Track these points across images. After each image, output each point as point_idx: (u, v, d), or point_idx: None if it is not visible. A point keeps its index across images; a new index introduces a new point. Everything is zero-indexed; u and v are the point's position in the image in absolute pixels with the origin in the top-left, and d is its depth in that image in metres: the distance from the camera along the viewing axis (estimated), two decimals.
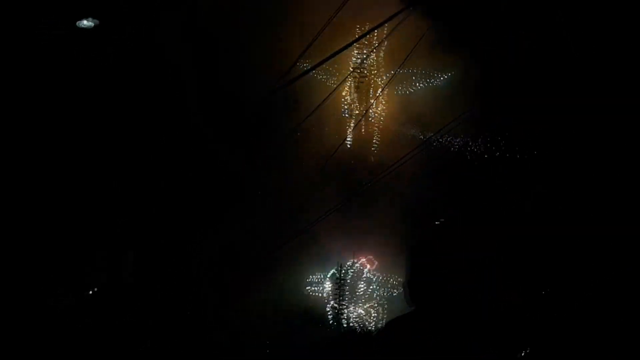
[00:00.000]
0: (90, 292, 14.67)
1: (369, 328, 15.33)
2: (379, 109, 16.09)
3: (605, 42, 13.02)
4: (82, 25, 14.46)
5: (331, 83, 15.68)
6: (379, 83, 16.02)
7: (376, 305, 15.58)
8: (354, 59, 15.76)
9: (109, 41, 14.65)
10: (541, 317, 11.70)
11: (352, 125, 16.03)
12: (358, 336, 14.87)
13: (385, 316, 15.49)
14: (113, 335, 14.47)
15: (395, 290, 15.31)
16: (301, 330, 15.02)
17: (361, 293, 15.59)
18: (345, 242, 15.23)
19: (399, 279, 15.18)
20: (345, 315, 15.38)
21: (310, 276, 15.87)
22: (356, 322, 15.44)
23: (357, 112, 16.13)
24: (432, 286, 3.33)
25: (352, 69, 15.66)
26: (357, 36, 14.03)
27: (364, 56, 15.52)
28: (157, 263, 15.01)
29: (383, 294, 15.58)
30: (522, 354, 11.25)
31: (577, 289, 11.93)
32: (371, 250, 15.42)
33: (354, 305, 15.53)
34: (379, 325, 15.24)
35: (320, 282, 15.81)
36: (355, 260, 15.55)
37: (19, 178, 14.28)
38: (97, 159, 14.74)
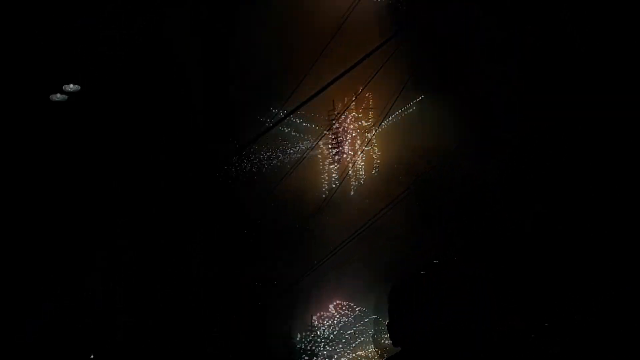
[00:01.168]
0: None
1: None
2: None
3: (611, 39, 12.85)
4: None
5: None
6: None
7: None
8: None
9: (111, 42, 14.56)
10: (545, 341, 11.50)
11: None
12: None
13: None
14: (113, 335, 14.46)
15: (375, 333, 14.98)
16: None
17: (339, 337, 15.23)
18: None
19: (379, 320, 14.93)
20: None
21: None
22: None
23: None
24: (413, 328, 3.15)
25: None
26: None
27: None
28: (157, 263, 14.96)
29: (361, 337, 15.19)
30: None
31: (580, 311, 11.71)
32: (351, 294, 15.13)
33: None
34: None
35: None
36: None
37: (19, 178, 14.24)
38: (97, 159, 14.69)
